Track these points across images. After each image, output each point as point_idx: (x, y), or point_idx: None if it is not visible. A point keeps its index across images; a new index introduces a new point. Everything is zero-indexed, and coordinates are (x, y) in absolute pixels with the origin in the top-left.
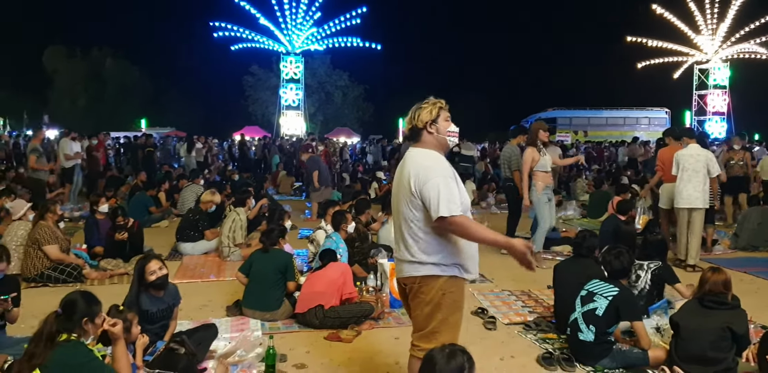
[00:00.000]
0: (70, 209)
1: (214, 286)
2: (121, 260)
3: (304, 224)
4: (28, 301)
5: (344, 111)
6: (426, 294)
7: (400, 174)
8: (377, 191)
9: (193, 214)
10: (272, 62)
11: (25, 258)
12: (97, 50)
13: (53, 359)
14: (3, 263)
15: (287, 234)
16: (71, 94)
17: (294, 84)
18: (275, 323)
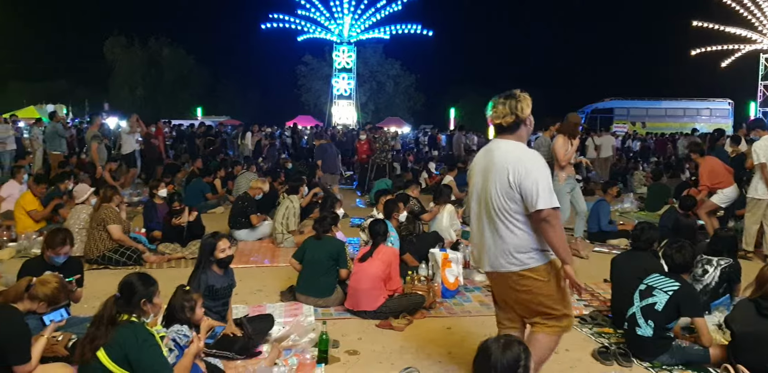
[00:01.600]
0: (129, 195)
1: (268, 271)
2: (178, 245)
3: (355, 212)
4: (90, 282)
5: (395, 100)
6: (532, 286)
7: (488, 165)
8: (427, 182)
9: (243, 200)
10: (325, 52)
11: (88, 240)
12: (154, 40)
13: (114, 340)
14: (67, 245)
15: (339, 222)
16: (130, 83)
17: (346, 73)
18: (327, 309)
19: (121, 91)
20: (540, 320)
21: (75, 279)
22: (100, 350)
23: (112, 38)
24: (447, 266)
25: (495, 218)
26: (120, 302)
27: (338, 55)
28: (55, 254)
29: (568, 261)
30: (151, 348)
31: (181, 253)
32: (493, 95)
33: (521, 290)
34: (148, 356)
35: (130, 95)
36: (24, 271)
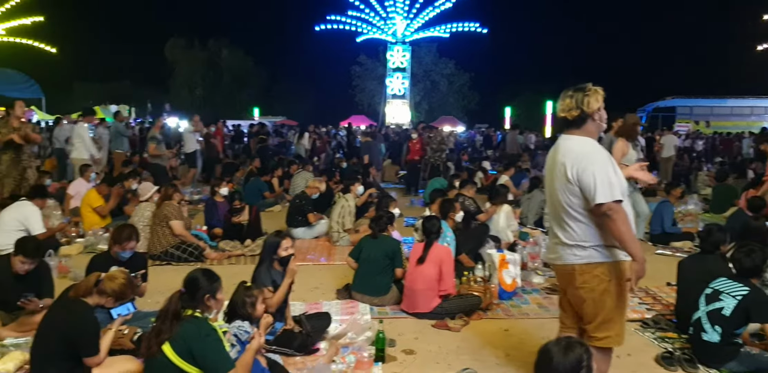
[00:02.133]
0: (190, 193)
1: (325, 269)
2: (238, 242)
3: (410, 212)
4: (154, 278)
5: (449, 99)
6: (590, 283)
7: (553, 161)
8: (483, 181)
9: (300, 199)
10: (379, 52)
11: (152, 237)
12: (214, 41)
13: (179, 334)
14: (133, 241)
15: (395, 221)
16: (190, 84)
17: (400, 73)
18: (383, 307)
19: (181, 92)
20: (591, 330)
21: (140, 274)
22: (166, 344)
23: (173, 40)
24: (504, 267)
25: (561, 213)
26: (185, 297)
27: (392, 54)
28: (122, 249)
29: (636, 256)
30: (214, 343)
31: (241, 250)
32: (548, 94)
33: (579, 287)
34: (211, 351)
35: (190, 96)
36: (92, 266)
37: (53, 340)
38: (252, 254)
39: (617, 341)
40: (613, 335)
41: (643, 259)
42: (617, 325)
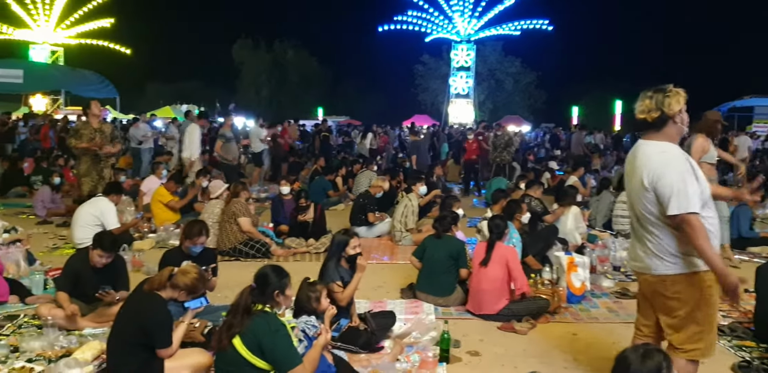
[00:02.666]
0: (257, 191)
1: (388, 268)
2: (303, 239)
3: (473, 212)
4: (223, 273)
5: (515, 98)
6: (683, 293)
7: (632, 167)
8: (549, 182)
9: (363, 198)
10: (443, 51)
11: (221, 233)
12: (279, 42)
13: (249, 328)
14: (203, 236)
15: (459, 221)
16: (256, 84)
17: (464, 72)
18: (448, 308)
19: (248, 92)
20: (680, 341)
21: (210, 269)
22: (236, 338)
23: (240, 41)
24: (573, 270)
25: (642, 221)
26: (255, 292)
27: (456, 53)
28: (192, 244)
29: (717, 270)
30: (283, 337)
31: (306, 248)
32: (617, 93)
33: (672, 297)
34: (280, 345)
35: (256, 96)
36: (164, 261)
37: (129, 331)
38: (316, 252)
39: (707, 353)
40: (703, 347)
41: (725, 272)
42: (709, 336)
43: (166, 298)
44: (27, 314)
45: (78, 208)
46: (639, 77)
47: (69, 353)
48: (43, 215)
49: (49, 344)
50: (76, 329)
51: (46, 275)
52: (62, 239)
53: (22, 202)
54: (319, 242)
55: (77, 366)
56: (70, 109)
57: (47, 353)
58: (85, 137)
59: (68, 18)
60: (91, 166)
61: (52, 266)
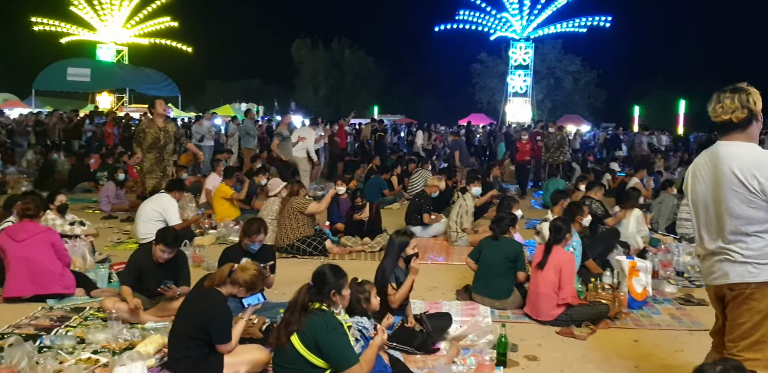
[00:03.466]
0: (313, 189)
1: (443, 269)
2: (358, 238)
3: (531, 214)
4: (280, 270)
5: (574, 97)
6: (760, 301)
7: (716, 169)
8: (610, 183)
9: (419, 198)
10: (501, 49)
11: (279, 230)
12: (337, 42)
13: (306, 326)
14: (262, 234)
15: (517, 223)
16: (314, 83)
17: (522, 70)
18: (505, 311)
19: (305, 91)
20: (739, 348)
21: (268, 266)
22: (294, 335)
23: (299, 40)
24: (634, 274)
25: (729, 227)
26: (312, 290)
27: (515, 52)
28: (251, 241)
29: None
30: (340, 336)
31: (361, 246)
32: (682, 92)
33: (743, 304)
34: (337, 344)
35: (314, 95)
36: (224, 257)
37: (190, 326)
38: (372, 251)
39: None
40: (763, 359)
41: None
42: None
43: (226, 294)
44: (92, 306)
45: (142, 204)
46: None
47: (132, 345)
48: (108, 210)
49: (113, 336)
50: (139, 322)
51: (111, 268)
52: (126, 234)
53: (88, 197)
54: (375, 240)
55: (140, 359)
56: (134, 107)
57: (111, 345)
58: (150, 136)
59: (133, 18)
60: (155, 164)
61: (116, 260)
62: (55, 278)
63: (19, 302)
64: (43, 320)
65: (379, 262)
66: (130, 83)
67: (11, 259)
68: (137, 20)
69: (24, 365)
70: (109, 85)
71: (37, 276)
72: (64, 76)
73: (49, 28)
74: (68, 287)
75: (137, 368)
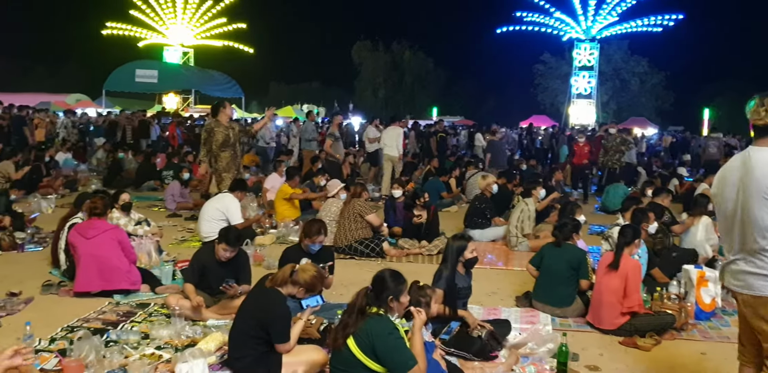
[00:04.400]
0: (371, 190)
1: (503, 274)
2: (416, 240)
3: (594, 219)
4: (338, 271)
5: (641, 100)
6: None
7: (746, 176)
8: (677, 189)
9: (479, 201)
10: (565, 50)
11: (338, 231)
12: (397, 44)
13: (363, 330)
14: (322, 235)
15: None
16: (373, 85)
17: (587, 71)
18: (566, 319)
19: (365, 92)
20: None
21: (327, 266)
22: (350, 338)
23: (360, 43)
24: (703, 284)
25: (755, 236)
26: (370, 294)
27: (579, 52)
28: (311, 242)
29: None
30: (396, 340)
31: (419, 249)
32: (755, 94)
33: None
34: (394, 348)
35: (373, 96)
36: (284, 257)
37: (250, 325)
38: (429, 254)
39: None
40: None
41: None
42: None
43: (286, 294)
44: (157, 303)
45: (205, 203)
46: None
47: (194, 342)
48: (173, 208)
49: (176, 333)
50: (201, 319)
51: (175, 266)
52: (190, 232)
53: (154, 195)
54: (432, 243)
55: (201, 356)
56: (199, 108)
57: (174, 342)
58: (220, 135)
59: (199, 20)
60: (231, 161)
61: (180, 258)
62: (122, 275)
63: (87, 296)
64: (110, 314)
65: (436, 265)
66: (195, 85)
67: (81, 255)
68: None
69: (92, 358)
70: (176, 86)
71: (105, 272)
72: (132, 77)
73: (120, 33)
74: (134, 284)
75: (198, 365)
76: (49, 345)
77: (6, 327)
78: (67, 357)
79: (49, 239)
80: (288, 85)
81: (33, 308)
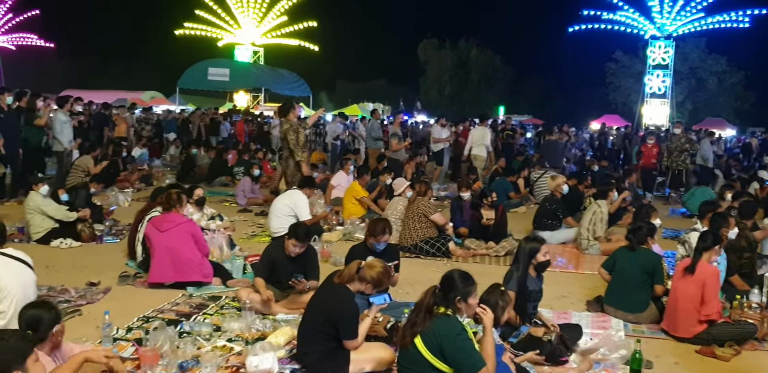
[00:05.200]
0: (437, 190)
1: (572, 277)
2: (483, 241)
3: (670, 223)
4: (404, 269)
5: (718, 100)
6: None
7: None
8: (758, 193)
9: (549, 202)
10: (638, 48)
11: (403, 230)
12: (464, 41)
13: (431, 329)
14: (387, 234)
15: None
16: (439, 83)
17: (661, 70)
18: (639, 325)
19: (430, 91)
20: None
21: (393, 265)
22: (418, 337)
23: (426, 41)
24: None
25: None
26: (438, 294)
27: (653, 51)
28: (376, 241)
29: None
30: (464, 341)
31: (486, 250)
32: None
33: None
34: (462, 349)
35: (438, 94)
36: (350, 255)
37: (318, 321)
38: (497, 255)
39: None
40: None
41: None
42: None
43: (354, 291)
44: (228, 296)
45: (275, 199)
46: None
47: (264, 336)
48: (244, 203)
49: (246, 326)
50: (270, 313)
51: (246, 260)
52: (260, 227)
53: (225, 191)
54: (500, 245)
55: (271, 350)
56: (268, 106)
57: (245, 335)
58: (302, 136)
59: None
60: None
61: (250, 253)
62: (195, 267)
63: (161, 288)
64: (183, 306)
65: (503, 266)
66: (265, 83)
67: (156, 247)
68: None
69: (166, 348)
70: (246, 84)
71: (178, 264)
72: (205, 75)
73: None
74: (206, 276)
75: (268, 359)
76: (126, 334)
77: (86, 315)
78: (143, 346)
79: (126, 232)
80: (354, 84)
81: (110, 298)
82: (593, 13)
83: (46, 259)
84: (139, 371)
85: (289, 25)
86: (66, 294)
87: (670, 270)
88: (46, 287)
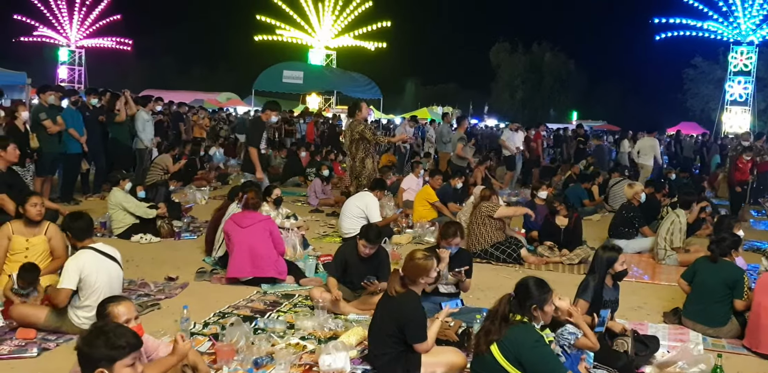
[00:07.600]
0: (508, 194)
1: (649, 288)
2: (556, 248)
3: (752, 235)
4: (475, 275)
5: None
6: None
7: None
8: None
9: (627, 210)
10: (718, 54)
11: (469, 236)
12: (537, 45)
13: (507, 338)
14: (458, 237)
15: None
16: (510, 87)
17: (743, 77)
18: (719, 340)
19: (501, 95)
20: None
21: (464, 270)
22: (494, 345)
23: (498, 44)
24: None
25: None
26: (514, 302)
27: (734, 56)
28: (448, 244)
29: None
30: (543, 348)
31: (559, 257)
32: None
33: None
34: (542, 358)
35: (510, 98)
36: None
37: (387, 324)
38: (570, 263)
39: None
40: None
41: None
42: None
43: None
44: (301, 294)
45: (346, 200)
46: None
47: (336, 335)
48: (315, 204)
49: (319, 324)
50: (341, 313)
51: (318, 259)
52: (331, 227)
53: (298, 191)
54: (573, 253)
55: (343, 349)
56: (339, 108)
57: (317, 333)
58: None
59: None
60: (374, 169)
61: (322, 252)
62: (271, 263)
63: (237, 284)
64: (258, 303)
65: (577, 275)
66: (337, 86)
67: (235, 243)
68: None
69: (242, 344)
70: (319, 87)
71: (256, 259)
72: (280, 78)
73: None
74: (281, 273)
75: (341, 358)
76: (203, 329)
77: (165, 310)
78: (220, 341)
79: (203, 228)
80: (424, 87)
81: (188, 293)
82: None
83: (126, 253)
84: (215, 365)
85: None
86: (146, 288)
87: (752, 284)
88: (127, 281)
